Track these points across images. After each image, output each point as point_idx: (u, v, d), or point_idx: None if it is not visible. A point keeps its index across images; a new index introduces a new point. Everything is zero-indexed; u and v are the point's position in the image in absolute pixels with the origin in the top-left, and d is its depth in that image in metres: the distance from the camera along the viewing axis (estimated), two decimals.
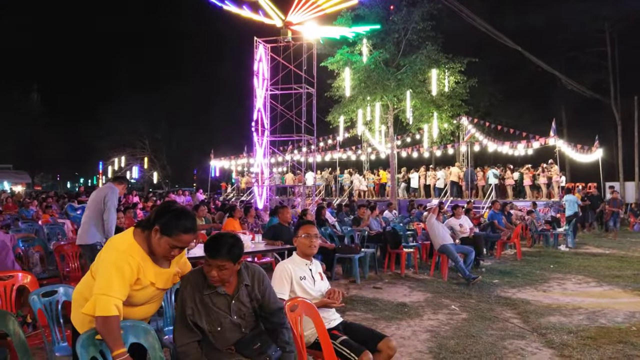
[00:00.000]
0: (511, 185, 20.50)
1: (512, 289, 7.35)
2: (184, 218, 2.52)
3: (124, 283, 2.41)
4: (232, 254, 2.59)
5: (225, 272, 2.59)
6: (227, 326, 2.64)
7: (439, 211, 8.88)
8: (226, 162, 31.39)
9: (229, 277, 2.64)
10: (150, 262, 2.55)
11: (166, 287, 2.70)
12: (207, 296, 2.63)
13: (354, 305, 6.22)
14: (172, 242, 2.48)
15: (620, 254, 11.22)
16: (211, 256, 2.59)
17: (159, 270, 2.60)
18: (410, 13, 18.48)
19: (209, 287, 2.64)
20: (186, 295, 2.62)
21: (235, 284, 2.70)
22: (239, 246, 2.66)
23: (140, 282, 2.51)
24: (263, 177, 17.04)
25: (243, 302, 2.70)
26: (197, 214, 8.75)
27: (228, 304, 2.66)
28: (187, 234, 2.51)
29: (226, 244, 2.60)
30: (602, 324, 5.39)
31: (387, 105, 19.76)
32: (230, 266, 2.59)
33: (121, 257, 2.44)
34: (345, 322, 3.49)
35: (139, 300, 2.58)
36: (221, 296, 2.65)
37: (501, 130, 23.13)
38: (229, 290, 2.68)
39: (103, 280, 2.38)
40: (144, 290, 2.55)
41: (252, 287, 2.75)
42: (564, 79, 27.14)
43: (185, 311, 2.60)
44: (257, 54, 16.24)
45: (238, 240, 2.70)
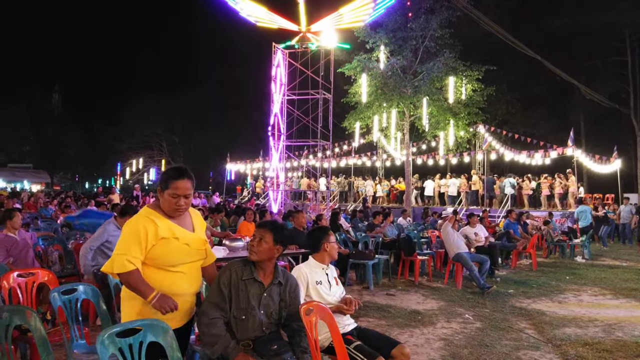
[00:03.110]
0: (528, 194, 20.30)
1: (527, 300, 7.28)
2: (173, 168, 2.75)
3: (139, 242, 2.59)
4: (275, 230, 2.89)
5: (263, 246, 2.84)
6: (251, 319, 2.76)
7: (455, 219, 8.84)
8: (242, 166, 31.57)
9: (264, 255, 2.85)
10: (170, 222, 2.71)
11: (196, 248, 2.78)
12: (244, 282, 2.79)
13: (367, 312, 6.22)
14: (170, 192, 2.66)
15: (638, 267, 11.03)
16: (259, 226, 2.96)
17: (183, 230, 2.74)
18: (428, 20, 18.46)
19: (247, 273, 2.82)
20: (225, 278, 2.79)
21: (271, 279, 2.88)
22: (283, 231, 2.98)
23: (163, 236, 2.64)
24: (278, 181, 17.12)
25: (273, 299, 2.85)
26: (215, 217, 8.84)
27: (260, 294, 2.81)
28: (178, 179, 2.67)
29: (274, 223, 2.98)
30: (619, 337, 5.32)
31: (403, 112, 19.73)
32: (269, 241, 2.85)
33: (135, 221, 2.67)
34: (359, 327, 3.51)
35: (173, 258, 2.68)
36: (257, 284, 2.82)
37: (518, 139, 22.93)
38: (265, 281, 2.85)
39: (120, 243, 2.63)
40: (171, 244, 2.66)
41: (284, 288, 2.91)
42: (583, 88, 26.80)
43: (221, 290, 2.75)
44: (275, 60, 16.39)
45: (283, 226, 3.04)
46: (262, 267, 2.87)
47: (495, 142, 22.27)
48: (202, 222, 2.98)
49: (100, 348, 2.39)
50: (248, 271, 2.84)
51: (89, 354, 3.31)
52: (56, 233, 8.78)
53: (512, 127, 26.90)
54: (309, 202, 22.32)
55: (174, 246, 2.68)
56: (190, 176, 2.74)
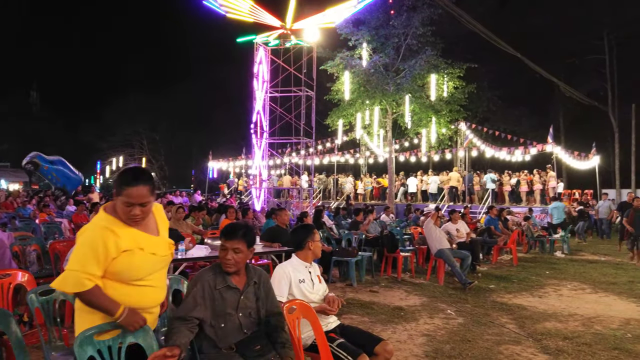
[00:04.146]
0: (508, 191, 20.55)
1: (508, 295, 7.37)
2: (127, 171, 2.43)
3: (96, 257, 2.32)
4: (247, 237, 2.80)
5: (240, 256, 2.76)
6: (230, 325, 2.71)
7: (437, 216, 8.90)
8: (224, 164, 31.38)
9: (242, 264, 2.79)
10: (132, 229, 2.43)
11: (163, 254, 2.55)
12: (218, 291, 2.72)
13: (350, 309, 6.22)
14: (124, 200, 2.35)
15: (616, 261, 11.25)
16: (228, 238, 2.77)
17: (148, 237, 2.49)
18: (410, 18, 18.53)
19: (221, 282, 2.74)
20: (197, 290, 2.69)
21: (245, 281, 2.83)
22: (253, 233, 2.90)
23: (125, 248, 2.37)
24: (261, 179, 17.05)
25: (250, 300, 2.80)
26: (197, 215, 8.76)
27: (237, 299, 2.75)
28: (131, 186, 2.34)
29: (241, 228, 2.84)
30: (598, 331, 5.41)
31: (386, 109, 19.80)
32: (244, 249, 2.77)
33: (91, 232, 2.38)
34: (342, 325, 3.51)
35: (138, 271, 2.43)
36: (232, 290, 2.75)
37: (499, 136, 23.19)
38: (239, 285, 2.79)
39: (74, 257, 2.35)
40: (135, 256, 2.40)
41: (259, 286, 2.87)
42: (563, 85, 27.23)
43: (190, 303, 2.66)
44: (257, 57, 16.30)
45: (251, 228, 2.97)
46: (237, 272, 2.80)
47: (476, 139, 22.49)
48: (164, 220, 2.71)
49: (78, 350, 2.34)
50: (221, 279, 2.74)
51: (68, 357, 3.25)
52: (34, 233, 8.61)
53: (493, 124, 27.18)
54: (292, 199, 22.27)
55: (139, 258, 2.42)
56: (147, 181, 2.40)
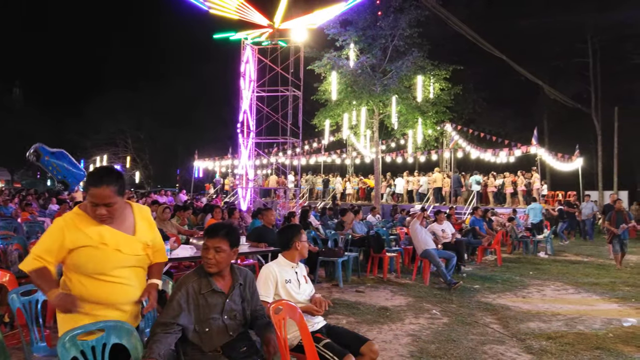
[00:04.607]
0: (493, 192, 20.75)
1: (492, 295, 7.43)
2: (94, 173, 2.49)
3: (52, 243, 2.45)
4: (230, 236, 2.74)
5: (221, 256, 2.69)
6: (215, 328, 2.66)
7: (423, 217, 8.95)
8: (210, 163, 31.22)
9: (224, 264, 2.72)
10: (100, 225, 2.49)
11: (132, 253, 2.56)
12: (203, 296, 2.66)
13: (336, 309, 6.23)
14: (89, 199, 2.43)
15: (598, 262, 11.41)
16: (210, 236, 2.72)
17: (116, 233, 2.53)
18: (397, 19, 18.59)
19: (205, 286, 2.69)
20: (181, 295, 2.64)
21: (230, 283, 2.78)
22: (236, 233, 2.83)
23: (85, 243, 2.44)
24: (247, 178, 16.99)
25: (235, 302, 2.76)
26: (182, 215, 8.69)
27: (222, 302, 2.70)
28: (94, 187, 2.40)
29: (225, 227, 2.79)
30: (580, 330, 5.48)
31: (373, 110, 19.85)
32: (227, 249, 2.71)
33: (58, 221, 2.52)
34: (328, 325, 3.51)
35: (100, 265, 2.46)
36: (217, 294, 2.70)
37: (484, 138, 23.40)
38: (225, 289, 2.74)
39: (38, 241, 2.54)
40: (96, 251, 2.45)
41: (244, 287, 2.83)
42: (547, 88, 27.58)
43: (174, 308, 2.60)
44: (244, 56, 16.23)
45: (235, 228, 2.88)
46: (221, 275, 2.76)
47: (461, 140, 22.67)
48: (148, 222, 2.72)
49: (61, 351, 2.31)
50: (206, 283, 2.69)
51: (50, 357, 3.20)
52: (16, 232, 8.47)
53: (478, 125, 27.43)
54: (278, 199, 22.23)
55: (100, 253, 2.46)
56: (112, 182, 2.43)
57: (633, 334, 5.34)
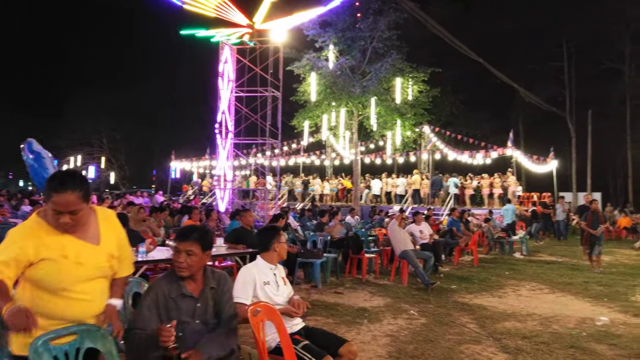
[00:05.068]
0: (470, 193, 21.02)
1: (469, 295, 7.51)
2: (55, 177, 2.24)
3: (9, 255, 2.20)
4: (202, 239, 2.64)
5: (193, 259, 2.61)
6: (188, 332, 2.60)
7: (401, 218, 9.00)
8: (187, 164, 30.90)
9: (196, 268, 2.64)
10: (61, 235, 2.29)
11: (95, 265, 2.38)
12: (173, 300, 2.59)
13: (315, 310, 6.21)
14: (51, 206, 2.21)
15: (572, 262, 11.63)
16: (181, 240, 2.64)
17: (79, 244, 2.33)
18: (376, 21, 18.71)
19: (175, 290, 2.61)
20: (150, 300, 2.57)
21: (202, 287, 2.69)
22: (209, 235, 2.74)
23: (45, 256, 2.23)
24: (226, 179, 16.84)
25: (207, 306, 2.69)
26: (159, 216, 8.57)
27: (193, 307, 2.63)
28: (57, 192, 2.17)
29: (196, 230, 2.70)
30: (555, 330, 5.57)
31: (352, 111, 19.93)
32: (198, 252, 2.62)
33: (16, 231, 2.31)
34: (307, 326, 3.49)
35: (60, 280, 2.27)
36: (187, 298, 2.62)
37: (461, 140, 23.70)
38: (195, 293, 2.66)
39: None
40: (56, 265, 2.25)
41: (217, 290, 2.75)
42: (522, 91, 28.08)
43: (145, 314, 2.54)
44: (223, 56, 16.07)
45: (208, 231, 2.79)
46: (193, 278, 2.66)
47: (439, 142, 22.91)
48: (115, 228, 2.54)
49: (33, 356, 2.24)
50: (176, 287, 2.60)
51: None
52: None
53: (455, 128, 27.78)
54: (257, 200, 22.11)
55: (61, 267, 2.27)
56: (76, 187, 2.21)
57: (605, 332, 5.46)
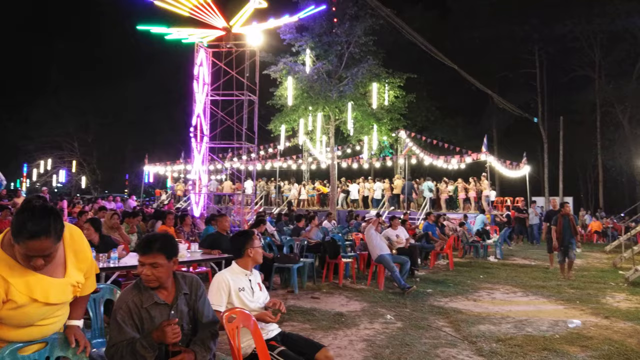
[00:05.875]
0: (446, 198, 21.25)
1: (444, 298, 7.56)
2: (29, 219, 1.97)
3: None
4: (165, 249, 2.52)
5: (159, 270, 2.50)
6: None
7: (378, 222, 9.02)
8: (161, 168, 30.45)
9: (164, 278, 2.54)
10: (31, 274, 2.10)
11: (63, 300, 2.26)
12: (146, 309, 2.50)
13: (291, 316, 6.16)
14: (22, 250, 2.00)
15: (545, 265, 11.82)
16: (143, 253, 2.51)
17: (45, 281, 2.15)
18: (353, 27, 18.83)
19: (146, 299, 2.51)
20: (122, 312, 2.46)
21: (174, 293, 2.61)
22: (172, 243, 2.61)
23: (12, 299, 2.05)
24: (201, 184, 16.64)
25: (182, 311, 2.61)
26: (131, 221, 8.39)
27: (167, 314, 2.55)
28: (33, 239, 1.96)
29: (158, 240, 2.55)
30: (529, 332, 5.64)
31: (329, 115, 19.96)
32: (164, 262, 2.51)
33: None
34: (283, 332, 3.44)
35: (26, 320, 2.15)
36: (160, 306, 2.54)
37: (436, 145, 23.96)
38: (168, 300, 2.58)
39: None
40: (25, 309, 2.09)
41: (190, 295, 2.68)
42: (496, 97, 28.56)
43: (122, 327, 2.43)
44: (198, 58, 15.91)
45: (171, 238, 2.66)
46: (164, 286, 2.58)
47: (415, 147, 23.12)
48: (80, 252, 2.35)
49: None
50: (147, 296, 2.51)
51: None
52: None
53: (431, 133, 28.09)
54: (232, 205, 21.91)
55: (30, 310, 2.12)
56: (51, 231, 2.01)
57: (578, 334, 5.55)
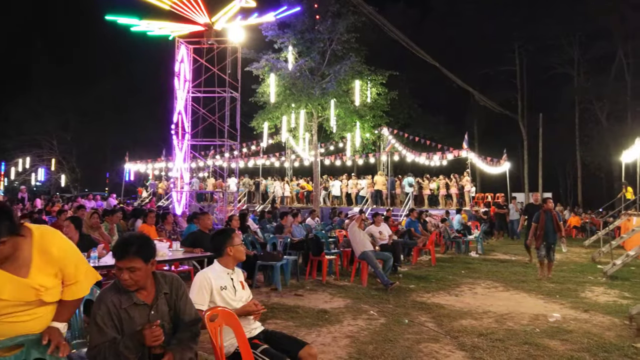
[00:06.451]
0: (428, 194, 21.42)
1: (427, 294, 7.61)
2: None
3: None
4: (142, 252, 2.45)
5: (137, 274, 2.45)
6: None
7: (361, 219, 9.05)
8: (142, 166, 30.11)
9: (143, 280, 2.50)
10: None
11: (24, 299, 2.20)
12: (125, 310, 2.45)
13: (275, 314, 6.14)
14: None
15: (525, 260, 11.96)
16: (119, 258, 2.44)
17: (5, 276, 2.13)
18: (335, 24, 18.83)
19: (125, 300, 2.46)
20: (102, 313, 2.42)
21: (154, 293, 2.56)
22: (149, 244, 2.54)
23: None
24: (182, 182, 16.49)
25: (162, 312, 2.57)
26: (111, 220, 8.28)
27: (147, 315, 2.51)
28: None
29: (134, 243, 2.46)
30: (510, 327, 5.71)
31: (312, 113, 19.95)
32: (141, 266, 2.45)
33: None
34: (266, 330, 3.43)
35: None
36: (139, 307, 2.49)
37: (419, 142, 24.13)
38: (148, 300, 2.53)
39: None
40: None
41: (171, 295, 2.63)
42: (477, 94, 28.87)
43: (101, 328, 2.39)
44: (179, 55, 15.73)
45: (147, 239, 2.58)
46: (143, 287, 2.54)
47: (397, 144, 23.25)
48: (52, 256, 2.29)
49: None
50: (126, 297, 2.47)
51: None
52: None
53: (413, 130, 28.29)
54: (215, 203, 21.77)
55: None
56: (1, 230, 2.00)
57: (557, 328, 5.63)
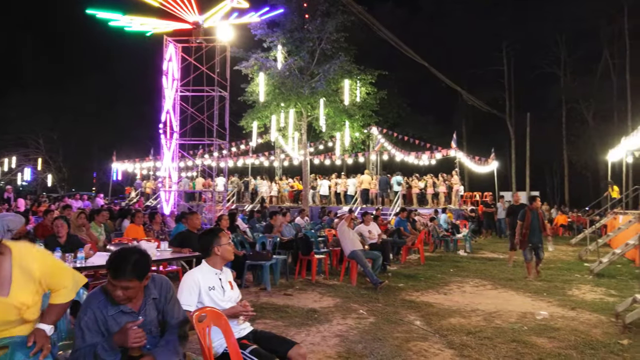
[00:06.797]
0: (417, 193, 21.50)
1: (416, 292, 7.64)
2: None
3: None
4: (138, 271, 2.38)
5: (131, 291, 2.40)
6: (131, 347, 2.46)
7: (351, 218, 9.05)
8: (130, 165, 29.88)
9: (136, 295, 2.46)
10: None
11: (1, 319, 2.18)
12: (112, 317, 2.41)
13: (264, 313, 6.12)
14: None
15: (513, 259, 12.07)
16: (114, 276, 2.35)
17: None
18: (324, 23, 18.82)
19: (112, 306, 2.42)
20: (87, 319, 2.38)
21: (142, 299, 2.51)
22: (145, 261, 2.46)
23: None
24: (171, 181, 16.37)
25: (150, 316, 2.53)
26: (97, 219, 8.19)
27: (134, 320, 2.46)
28: None
29: (130, 262, 2.36)
30: (498, 325, 5.75)
31: (301, 112, 19.92)
32: (136, 285, 2.40)
33: None
34: (255, 330, 3.41)
35: None
36: (127, 314, 2.45)
37: (408, 141, 24.21)
38: (135, 307, 2.49)
39: None
40: None
41: (160, 299, 2.59)
42: (465, 94, 29.04)
43: (85, 334, 2.35)
44: (167, 53, 15.61)
45: (143, 255, 2.49)
46: None
47: (387, 143, 23.32)
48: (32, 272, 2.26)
49: None
50: (110, 303, 2.43)
51: None
52: None
53: (402, 129, 28.38)
54: (204, 202, 21.67)
55: None
56: None
57: (545, 326, 5.68)
